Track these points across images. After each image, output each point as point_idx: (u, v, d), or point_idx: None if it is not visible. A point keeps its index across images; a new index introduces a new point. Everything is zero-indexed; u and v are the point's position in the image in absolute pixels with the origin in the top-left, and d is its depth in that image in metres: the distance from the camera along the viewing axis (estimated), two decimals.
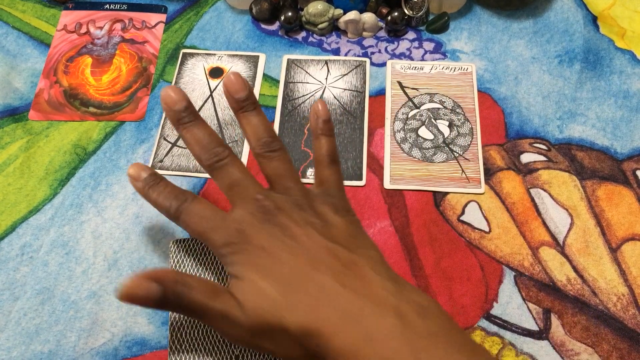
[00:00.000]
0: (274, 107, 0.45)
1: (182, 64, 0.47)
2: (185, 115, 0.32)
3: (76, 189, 0.41)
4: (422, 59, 0.47)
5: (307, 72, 0.47)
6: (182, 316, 0.33)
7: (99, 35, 0.49)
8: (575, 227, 0.39)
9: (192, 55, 0.48)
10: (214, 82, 0.46)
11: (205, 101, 0.45)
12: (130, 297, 0.27)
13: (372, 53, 0.48)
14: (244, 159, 0.42)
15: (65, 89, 0.46)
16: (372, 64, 0.47)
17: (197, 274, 0.34)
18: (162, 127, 0.44)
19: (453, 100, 0.45)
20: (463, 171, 0.41)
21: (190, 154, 0.43)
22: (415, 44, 0.48)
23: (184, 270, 0.35)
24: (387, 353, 0.25)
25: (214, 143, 0.32)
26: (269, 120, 0.44)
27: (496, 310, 0.36)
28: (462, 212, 0.40)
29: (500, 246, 0.38)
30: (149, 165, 0.42)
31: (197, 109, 0.45)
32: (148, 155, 0.43)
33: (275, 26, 0.50)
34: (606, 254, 0.38)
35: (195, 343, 0.33)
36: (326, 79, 0.46)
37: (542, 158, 0.42)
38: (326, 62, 0.47)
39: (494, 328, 0.36)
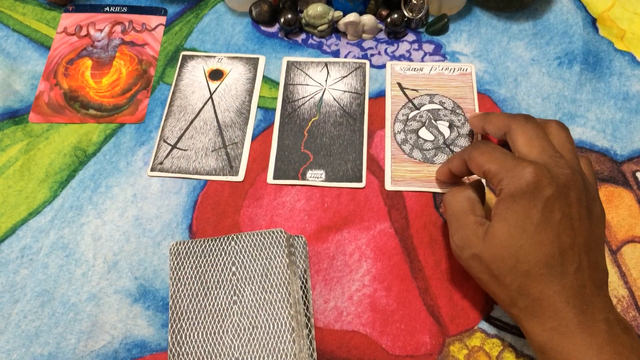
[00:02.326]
0: (274, 109, 0.45)
1: (182, 66, 0.47)
2: None
3: (76, 191, 0.41)
4: (422, 61, 0.47)
5: (306, 74, 0.47)
6: (182, 318, 0.33)
7: (99, 38, 0.49)
8: None
9: (192, 57, 0.48)
10: (213, 85, 0.46)
11: (205, 103, 0.45)
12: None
13: (372, 55, 0.48)
14: (244, 160, 0.42)
15: (66, 92, 0.46)
16: (371, 65, 0.47)
17: (197, 277, 0.34)
18: (162, 129, 0.44)
19: (453, 101, 0.45)
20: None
21: (190, 156, 0.43)
22: (415, 45, 0.48)
23: (183, 273, 0.35)
24: (590, 351, 0.28)
25: None
26: (270, 122, 0.44)
27: (496, 312, 0.36)
28: None
29: None
30: (149, 167, 0.42)
31: (196, 111, 0.45)
32: (148, 157, 0.43)
33: (275, 28, 0.50)
34: (606, 255, 0.38)
35: (195, 346, 0.33)
36: (326, 80, 0.46)
37: None
38: (326, 64, 0.47)
39: (494, 330, 0.36)
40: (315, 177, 0.42)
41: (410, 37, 0.48)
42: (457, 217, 0.34)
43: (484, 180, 0.41)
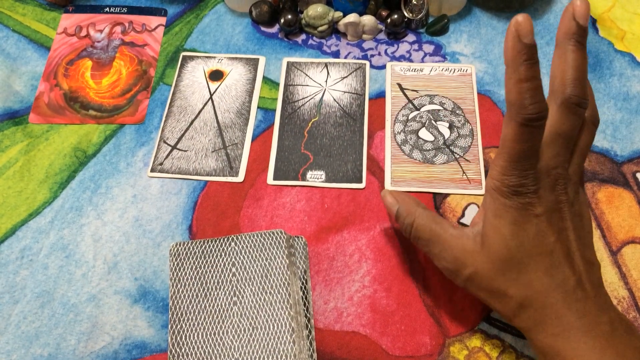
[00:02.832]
0: (274, 110, 0.45)
1: (182, 66, 0.47)
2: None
3: (76, 192, 0.41)
4: (422, 62, 0.47)
5: (306, 74, 0.47)
6: (182, 319, 0.33)
7: (99, 38, 0.49)
8: None
9: (192, 58, 0.48)
10: (213, 85, 0.46)
11: (205, 104, 0.45)
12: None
13: (372, 55, 0.48)
14: (244, 161, 0.42)
15: (66, 92, 0.46)
16: (371, 66, 0.47)
17: (197, 278, 0.34)
18: (162, 130, 0.44)
19: (453, 102, 0.45)
20: (464, 172, 0.41)
21: (190, 157, 0.43)
22: (415, 46, 0.48)
23: (183, 274, 0.35)
24: (593, 355, 0.28)
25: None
26: (270, 123, 0.44)
27: (496, 313, 0.36)
28: (462, 215, 0.40)
29: None
30: (149, 168, 0.42)
31: (196, 112, 0.45)
32: (148, 158, 0.43)
33: (275, 29, 0.50)
34: (606, 256, 0.38)
35: (195, 347, 0.33)
36: (326, 81, 0.46)
37: None
38: (326, 65, 0.47)
39: (494, 331, 0.36)
40: (315, 177, 0.41)
41: (410, 37, 0.48)
42: (434, 242, 0.32)
43: (482, 172, 0.41)
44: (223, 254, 0.35)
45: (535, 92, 0.26)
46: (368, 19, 0.47)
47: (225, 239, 0.36)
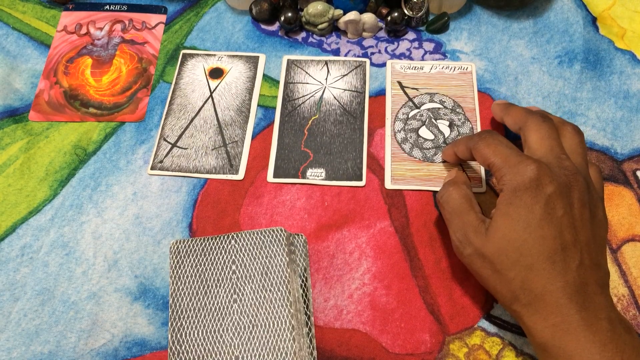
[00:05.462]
0: (274, 108, 0.45)
1: (182, 64, 0.47)
2: None
3: (76, 190, 0.41)
4: (422, 60, 0.47)
5: (307, 72, 0.47)
6: (182, 317, 0.33)
7: (99, 36, 0.49)
8: None
9: (192, 55, 0.48)
10: (214, 83, 0.46)
11: (205, 102, 0.45)
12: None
13: (372, 53, 0.48)
14: (244, 159, 0.42)
15: (66, 90, 0.46)
16: (372, 64, 0.47)
17: (197, 275, 0.34)
18: (162, 128, 0.44)
19: (453, 100, 0.45)
20: (464, 171, 0.41)
21: (190, 155, 0.43)
22: (415, 44, 0.48)
23: (183, 272, 0.35)
24: (593, 348, 0.28)
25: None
26: (270, 120, 0.44)
27: (496, 311, 0.36)
28: None
29: None
30: (149, 166, 0.42)
31: (196, 109, 0.45)
32: (148, 155, 0.43)
33: (275, 27, 0.50)
34: (606, 254, 0.38)
35: (195, 344, 0.33)
36: (326, 79, 0.46)
37: None
38: (326, 63, 0.47)
39: (494, 328, 0.36)
40: (316, 175, 0.42)
41: (411, 35, 0.48)
42: (458, 214, 0.34)
43: (483, 170, 0.41)
44: (223, 252, 0.35)
45: (460, 145, 0.38)
46: (368, 17, 0.47)
47: (225, 237, 0.36)
